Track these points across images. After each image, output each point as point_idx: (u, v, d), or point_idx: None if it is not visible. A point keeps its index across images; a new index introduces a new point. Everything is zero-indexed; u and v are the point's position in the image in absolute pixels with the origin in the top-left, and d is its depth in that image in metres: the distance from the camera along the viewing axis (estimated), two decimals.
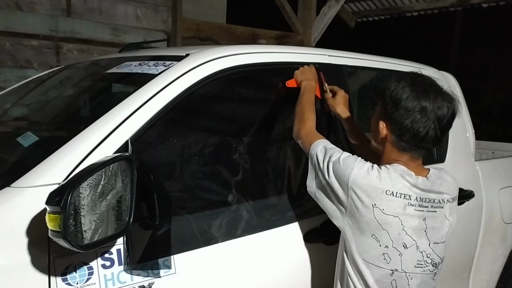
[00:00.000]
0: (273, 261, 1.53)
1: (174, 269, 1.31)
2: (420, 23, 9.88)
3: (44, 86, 2.20)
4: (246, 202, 1.53)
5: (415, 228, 1.33)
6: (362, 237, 1.34)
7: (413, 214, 1.33)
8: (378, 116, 1.43)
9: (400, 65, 2.23)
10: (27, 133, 1.65)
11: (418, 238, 1.34)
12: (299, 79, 1.68)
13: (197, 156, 1.53)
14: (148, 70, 1.55)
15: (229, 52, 1.59)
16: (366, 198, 1.31)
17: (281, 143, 1.68)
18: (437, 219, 1.37)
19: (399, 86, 1.35)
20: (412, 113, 1.32)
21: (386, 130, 1.39)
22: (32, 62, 3.83)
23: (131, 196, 1.17)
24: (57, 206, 1.01)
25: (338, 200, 1.38)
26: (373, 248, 1.33)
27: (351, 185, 1.32)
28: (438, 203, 1.37)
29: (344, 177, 1.34)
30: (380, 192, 1.30)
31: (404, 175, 1.34)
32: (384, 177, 1.32)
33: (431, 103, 1.31)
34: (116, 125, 1.29)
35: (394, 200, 1.31)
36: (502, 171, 2.52)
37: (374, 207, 1.30)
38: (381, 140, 1.43)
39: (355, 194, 1.32)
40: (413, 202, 1.32)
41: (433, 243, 1.36)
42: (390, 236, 1.31)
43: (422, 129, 1.32)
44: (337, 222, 1.41)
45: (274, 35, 5.45)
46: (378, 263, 1.34)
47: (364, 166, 1.35)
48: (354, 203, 1.33)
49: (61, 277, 1.15)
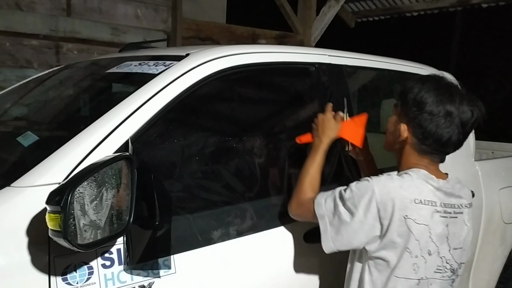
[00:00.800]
0: (273, 261, 1.53)
1: (174, 269, 1.31)
2: (420, 23, 9.88)
3: (44, 85, 2.20)
4: (246, 202, 1.53)
5: (439, 234, 1.30)
6: (398, 252, 1.29)
7: (439, 220, 1.30)
8: (399, 118, 1.40)
9: (400, 65, 2.23)
10: (27, 132, 1.65)
11: (440, 244, 1.31)
12: (314, 134, 1.58)
13: (197, 155, 1.53)
14: (148, 70, 1.55)
15: (229, 52, 1.59)
16: (396, 212, 1.26)
17: (281, 143, 1.68)
18: (457, 225, 1.34)
19: (423, 89, 1.32)
20: (437, 117, 1.29)
21: (407, 133, 1.36)
22: (32, 62, 3.83)
23: (131, 196, 1.17)
24: (57, 205, 1.01)
25: (369, 230, 1.30)
26: (406, 261, 1.29)
27: (378, 206, 1.27)
28: (458, 208, 1.34)
29: (370, 202, 1.28)
30: (408, 202, 1.27)
31: (427, 179, 1.32)
32: (409, 185, 1.29)
33: (457, 108, 1.29)
34: (116, 124, 1.29)
35: (423, 208, 1.27)
36: (502, 171, 2.52)
37: (406, 219, 1.26)
38: (399, 142, 1.40)
39: (384, 212, 1.27)
40: (439, 208, 1.30)
41: (453, 248, 1.33)
42: (420, 245, 1.28)
43: (446, 133, 1.30)
44: (371, 247, 1.32)
45: (274, 35, 5.45)
46: (409, 275, 1.29)
47: (380, 180, 1.31)
48: (385, 221, 1.27)
49: (61, 277, 1.15)
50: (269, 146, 1.69)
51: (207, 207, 1.49)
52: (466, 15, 10.81)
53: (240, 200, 1.52)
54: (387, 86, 2.53)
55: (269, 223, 1.55)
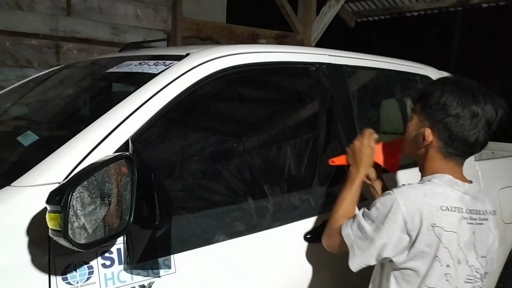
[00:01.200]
0: (273, 260, 1.53)
1: (174, 269, 1.31)
2: (420, 23, 9.88)
3: (44, 85, 2.20)
4: (246, 201, 1.53)
5: (466, 242, 1.28)
6: (427, 261, 1.26)
7: (466, 227, 1.27)
8: (421, 122, 1.36)
9: (400, 65, 2.23)
10: (27, 132, 1.65)
11: (468, 252, 1.28)
12: (351, 162, 1.55)
13: (197, 155, 1.52)
14: (148, 69, 1.55)
15: (229, 52, 1.59)
16: (424, 221, 1.24)
17: (282, 143, 1.68)
18: (483, 231, 1.32)
19: (446, 92, 1.30)
20: (463, 119, 1.27)
21: (432, 137, 1.33)
22: (32, 62, 3.83)
23: (131, 196, 1.17)
24: (57, 205, 1.01)
25: (397, 243, 1.28)
26: (436, 270, 1.26)
27: (405, 219, 1.25)
28: (483, 215, 1.32)
29: (396, 216, 1.26)
30: (435, 209, 1.24)
31: (452, 184, 1.30)
32: (433, 192, 1.27)
33: (482, 108, 1.27)
34: (117, 124, 1.29)
35: (451, 214, 1.25)
36: (502, 171, 2.52)
37: (434, 227, 1.24)
38: (423, 147, 1.37)
39: (412, 223, 1.25)
40: (465, 215, 1.27)
41: (480, 256, 1.31)
42: (451, 254, 1.25)
43: (473, 135, 1.28)
44: (398, 259, 1.29)
45: (274, 34, 5.45)
46: (442, 285, 1.27)
47: (403, 191, 1.29)
48: (414, 232, 1.25)
49: (61, 276, 1.14)
50: (269, 145, 1.69)
51: (207, 206, 1.49)
52: (466, 15, 10.81)
53: (240, 200, 1.52)
54: (387, 86, 2.54)
55: (269, 222, 1.55)
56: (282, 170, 1.66)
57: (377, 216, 1.30)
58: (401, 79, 2.46)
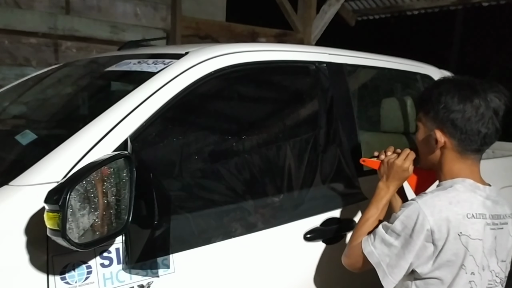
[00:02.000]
0: (273, 260, 1.53)
1: (173, 268, 1.30)
2: (420, 22, 9.87)
3: (43, 84, 2.19)
4: (245, 200, 1.52)
5: (489, 248, 1.27)
6: (453, 270, 1.24)
7: (489, 233, 1.26)
8: (428, 128, 1.35)
9: (401, 64, 2.22)
10: (25, 131, 1.64)
11: (490, 257, 1.27)
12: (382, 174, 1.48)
13: (196, 154, 1.52)
14: (147, 68, 1.54)
15: (228, 50, 1.59)
16: (451, 231, 1.22)
17: (281, 142, 1.68)
18: (503, 236, 1.31)
19: (443, 91, 1.30)
20: (467, 113, 1.27)
21: (444, 137, 1.32)
22: (31, 60, 3.83)
23: (130, 195, 1.16)
24: (55, 204, 1.00)
25: (420, 252, 1.25)
26: (462, 278, 1.24)
27: (433, 228, 1.22)
28: (503, 219, 1.31)
29: (423, 227, 1.22)
30: (461, 218, 1.23)
31: (474, 189, 1.28)
32: (457, 200, 1.25)
33: (484, 99, 1.27)
34: (115, 123, 1.28)
35: (476, 222, 1.24)
36: (503, 170, 2.52)
37: (461, 236, 1.22)
38: (438, 151, 1.35)
39: (439, 233, 1.22)
40: (488, 221, 1.26)
41: (501, 261, 1.30)
42: (476, 262, 1.24)
43: (482, 126, 1.27)
44: (423, 270, 1.27)
45: (274, 33, 5.44)
46: None
47: (427, 200, 1.25)
48: (440, 243, 1.23)
49: (60, 276, 1.14)
50: (268, 145, 1.68)
51: (206, 206, 1.48)
52: (466, 14, 10.80)
53: (240, 199, 1.52)
54: (387, 85, 2.53)
55: (269, 222, 1.55)
56: (281, 169, 1.65)
57: (403, 229, 1.26)
58: (401, 78, 2.46)
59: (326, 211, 1.64)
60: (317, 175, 1.67)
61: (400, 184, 1.48)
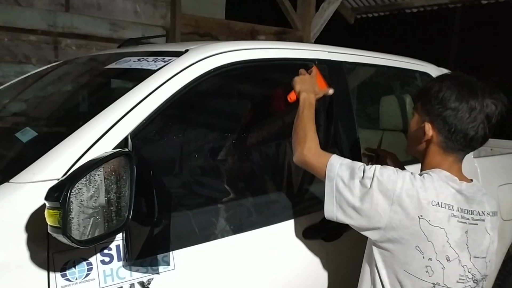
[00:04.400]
0: (272, 257, 1.53)
1: (173, 265, 1.31)
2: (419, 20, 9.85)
3: (43, 81, 2.19)
4: (245, 198, 1.53)
5: (458, 240, 1.28)
6: (406, 249, 1.28)
7: (456, 225, 1.28)
8: (421, 118, 1.39)
9: (400, 62, 2.22)
10: (25, 128, 1.64)
11: (461, 252, 1.29)
12: (297, 89, 1.58)
13: (196, 152, 1.52)
14: (147, 65, 1.54)
15: (228, 48, 1.59)
16: (412, 210, 1.26)
17: (281, 139, 1.68)
18: (478, 232, 1.32)
19: (444, 87, 1.32)
20: (461, 112, 1.29)
21: (432, 131, 1.35)
22: (31, 57, 3.83)
23: (130, 192, 1.16)
24: (56, 201, 1.01)
25: (374, 215, 1.30)
26: (416, 260, 1.27)
27: (397, 199, 1.27)
28: (478, 215, 1.32)
29: (388, 191, 1.28)
30: (426, 203, 1.26)
31: (448, 181, 1.31)
32: (428, 186, 1.28)
33: (480, 102, 1.28)
34: (115, 120, 1.29)
35: (440, 210, 1.26)
36: (501, 168, 2.52)
37: (421, 219, 1.25)
38: (424, 143, 1.39)
39: (400, 207, 1.26)
40: (456, 213, 1.28)
41: (474, 257, 1.31)
42: (435, 248, 1.26)
43: (471, 128, 1.29)
44: (372, 235, 1.33)
45: (273, 31, 5.44)
46: (420, 275, 1.28)
47: (406, 176, 1.30)
48: (398, 216, 1.27)
49: (60, 273, 1.14)
50: (268, 142, 1.69)
51: (207, 203, 1.49)
52: (465, 12, 10.80)
53: (240, 197, 1.52)
54: (386, 83, 2.54)
55: (269, 219, 1.55)
56: (281, 167, 1.66)
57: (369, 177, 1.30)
58: (400, 76, 2.46)
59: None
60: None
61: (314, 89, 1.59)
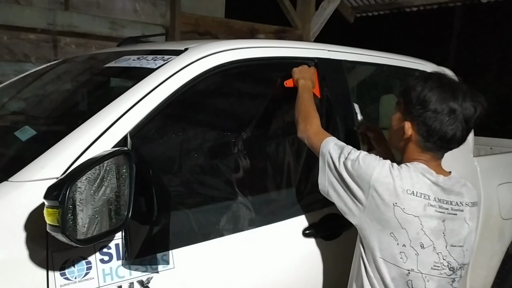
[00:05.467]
0: (272, 256, 1.53)
1: (172, 264, 1.31)
2: (419, 19, 9.87)
3: (42, 80, 2.19)
4: (245, 197, 1.52)
5: (434, 229, 1.32)
6: (381, 235, 1.33)
7: (433, 215, 1.31)
8: (402, 116, 1.42)
9: (400, 61, 2.22)
10: (24, 127, 1.64)
11: (436, 239, 1.32)
12: (296, 77, 1.66)
13: (196, 150, 1.52)
14: (147, 64, 1.54)
15: (228, 47, 1.59)
16: (387, 197, 1.30)
17: (281, 138, 1.68)
18: (456, 222, 1.35)
19: (426, 87, 1.34)
20: (441, 115, 1.32)
21: (411, 131, 1.38)
22: (30, 56, 3.82)
23: (129, 191, 1.16)
24: (55, 200, 1.01)
25: (356, 197, 1.36)
26: (391, 246, 1.32)
27: (373, 184, 1.31)
28: (457, 206, 1.35)
29: (366, 175, 1.33)
30: (401, 191, 1.30)
31: (424, 173, 1.34)
32: (404, 176, 1.31)
33: (460, 105, 1.31)
34: (115, 119, 1.29)
35: (415, 199, 1.30)
36: (501, 167, 2.52)
37: (395, 206, 1.29)
38: (403, 140, 1.42)
39: (376, 193, 1.31)
40: (432, 202, 1.31)
41: (450, 245, 1.34)
42: (409, 235, 1.30)
43: (450, 130, 1.32)
44: (353, 220, 1.39)
45: (273, 29, 5.43)
46: (395, 262, 1.32)
47: (385, 164, 1.34)
48: (374, 201, 1.32)
49: (59, 272, 1.14)
50: (268, 141, 1.69)
51: (206, 202, 1.49)
52: (465, 11, 10.80)
53: (239, 195, 1.52)
54: (386, 82, 2.53)
55: (268, 218, 1.55)
56: (280, 166, 1.66)
57: (353, 160, 1.36)
58: (400, 75, 2.45)
59: (324, 207, 1.64)
60: (315, 171, 1.67)
61: (311, 78, 1.68)
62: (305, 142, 1.54)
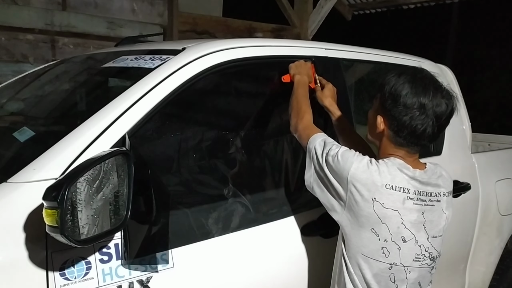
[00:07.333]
0: (271, 254, 1.54)
1: (172, 263, 1.31)
2: (416, 16, 9.87)
3: (40, 80, 2.19)
4: (243, 196, 1.53)
5: (414, 222, 1.33)
6: (361, 231, 1.34)
7: (412, 208, 1.32)
8: (376, 110, 1.42)
9: (397, 58, 2.22)
10: (23, 128, 1.64)
11: (417, 232, 1.33)
12: (292, 73, 1.68)
13: (194, 150, 1.52)
14: (145, 64, 1.54)
15: (225, 46, 1.59)
16: (366, 192, 1.31)
17: (278, 137, 1.68)
18: (435, 213, 1.37)
19: (399, 82, 1.34)
20: (411, 110, 1.31)
21: (383, 125, 1.39)
22: (28, 56, 3.82)
23: (128, 191, 1.17)
24: (54, 201, 1.01)
25: (337, 194, 1.37)
26: (372, 242, 1.33)
27: (351, 179, 1.32)
28: (435, 197, 1.37)
29: (344, 171, 1.33)
30: (380, 186, 1.30)
31: (401, 168, 1.34)
32: (382, 170, 1.32)
33: (430, 100, 1.30)
34: (113, 119, 1.29)
35: (394, 194, 1.30)
36: (498, 163, 2.53)
37: (374, 201, 1.30)
38: (378, 134, 1.42)
39: (354, 188, 1.32)
40: (412, 195, 1.32)
41: (432, 236, 1.36)
42: (390, 230, 1.31)
43: (420, 126, 1.31)
44: (335, 216, 1.40)
45: (271, 28, 5.44)
46: (377, 257, 1.33)
47: (363, 160, 1.34)
48: (353, 197, 1.32)
49: (59, 272, 1.15)
50: (266, 140, 1.69)
51: (205, 201, 1.49)
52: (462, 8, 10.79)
53: (238, 194, 1.52)
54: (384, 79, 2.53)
55: (267, 217, 1.56)
56: (278, 164, 1.66)
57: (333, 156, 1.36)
58: None
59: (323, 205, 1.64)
60: None
61: (307, 73, 1.70)
62: (295, 136, 1.55)
